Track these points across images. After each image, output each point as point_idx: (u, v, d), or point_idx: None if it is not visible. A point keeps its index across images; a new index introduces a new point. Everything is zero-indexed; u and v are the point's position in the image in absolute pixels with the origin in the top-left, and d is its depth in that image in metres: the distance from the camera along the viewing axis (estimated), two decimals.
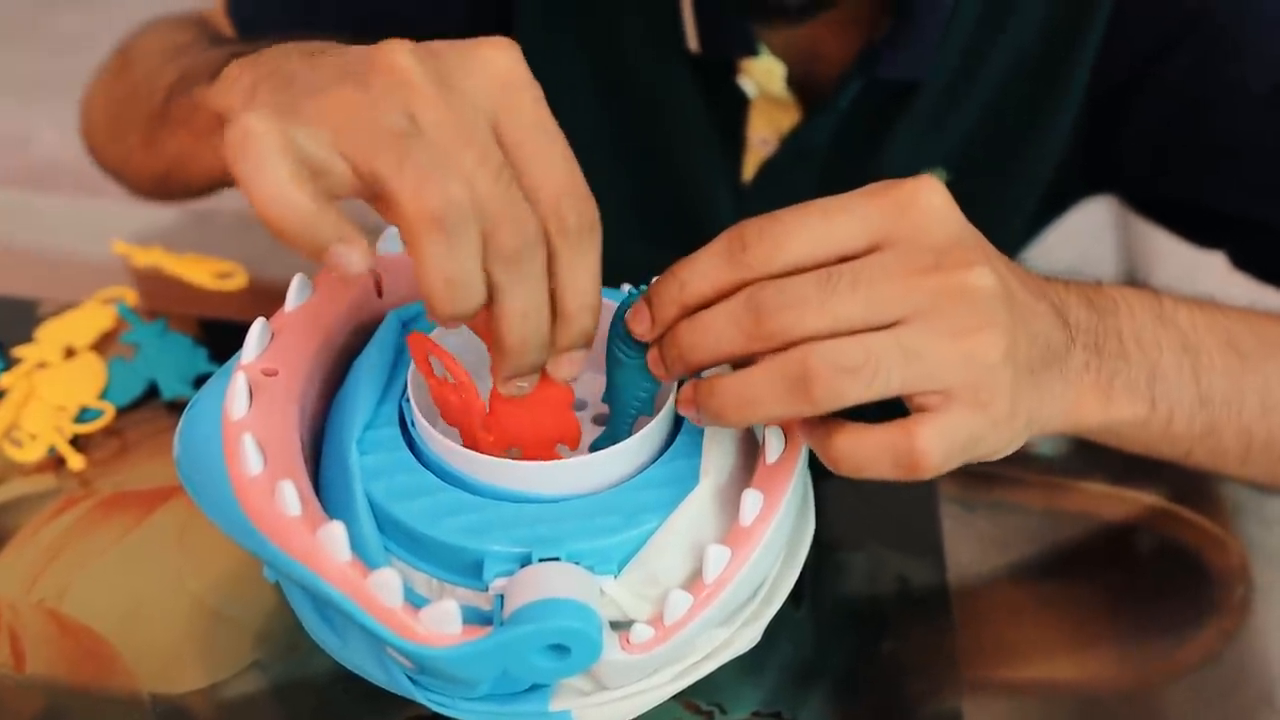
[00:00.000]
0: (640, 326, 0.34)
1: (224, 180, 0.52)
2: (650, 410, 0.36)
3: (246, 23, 0.64)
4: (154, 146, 0.56)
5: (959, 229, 0.32)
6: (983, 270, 0.32)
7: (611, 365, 0.36)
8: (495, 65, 0.32)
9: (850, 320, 0.30)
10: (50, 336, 0.53)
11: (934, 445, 0.31)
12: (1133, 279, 1.02)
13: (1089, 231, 1.01)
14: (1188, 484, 0.49)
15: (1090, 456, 0.50)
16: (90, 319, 0.55)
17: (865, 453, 0.32)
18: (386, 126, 0.29)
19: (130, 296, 0.56)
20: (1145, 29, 0.54)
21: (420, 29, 0.66)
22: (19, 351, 0.52)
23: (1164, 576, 0.46)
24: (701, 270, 0.32)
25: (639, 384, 0.36)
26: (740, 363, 0.33)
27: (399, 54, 0.31)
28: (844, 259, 0.31)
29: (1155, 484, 0.49)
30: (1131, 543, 0.48)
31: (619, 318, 0.35)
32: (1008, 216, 0.64)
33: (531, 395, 0.34)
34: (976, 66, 0.58)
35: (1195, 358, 0.41)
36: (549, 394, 0.35)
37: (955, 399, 0.31)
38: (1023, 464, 0.49)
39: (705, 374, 0.34)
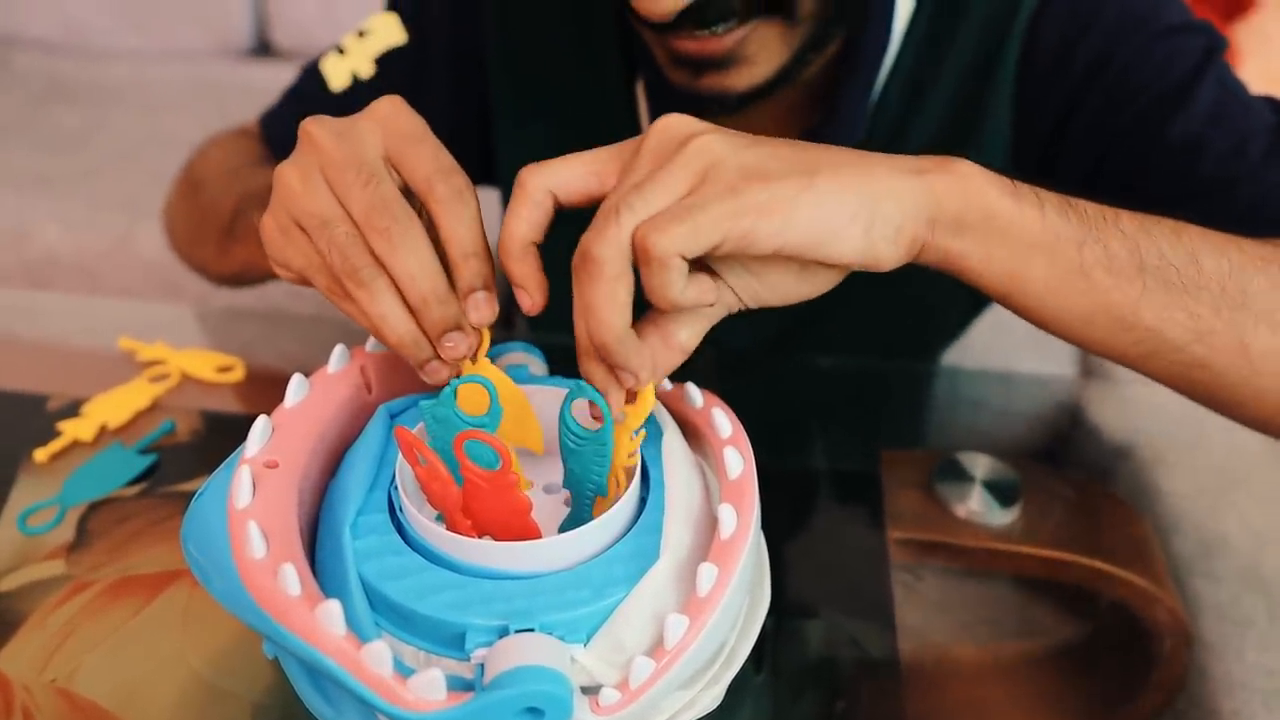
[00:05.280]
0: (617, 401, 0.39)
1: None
2: (604, 491, 0.40)
3: (276, 139, 0.75)
4: (227, 255, 0.68)
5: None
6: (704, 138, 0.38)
7: (565, 454, 0.39)
8: (375, 108, 0.42)
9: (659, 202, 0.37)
10: (96, 411, 0.57)
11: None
12: None
13: None
14: (1122, 546, 0.52)
15: (1031, 525, 0.53)
16: (131, 398, 0.59)
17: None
18: (319, 217, 0.40)
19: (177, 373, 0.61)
20: (1053, 87, 0.60)
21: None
22: (63, 425, 0.56)
23: (1103, 633, 0.49)
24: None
25: (590, 467, 0.39)
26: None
27: (309, 125, 0.42)
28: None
29: (1091, 547, 0.52)
30: (1072, 604, 0.50)
31: (567, 407, 0.39)
32: (951, 289, 0.69)
33: (496, 502, 0.37)
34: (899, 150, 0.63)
35: (1083, 206, 0.42)
36: (512, 504, 0.38)
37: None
38: (969, 533, 0.53)
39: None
